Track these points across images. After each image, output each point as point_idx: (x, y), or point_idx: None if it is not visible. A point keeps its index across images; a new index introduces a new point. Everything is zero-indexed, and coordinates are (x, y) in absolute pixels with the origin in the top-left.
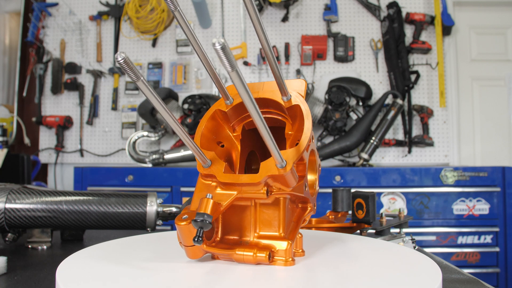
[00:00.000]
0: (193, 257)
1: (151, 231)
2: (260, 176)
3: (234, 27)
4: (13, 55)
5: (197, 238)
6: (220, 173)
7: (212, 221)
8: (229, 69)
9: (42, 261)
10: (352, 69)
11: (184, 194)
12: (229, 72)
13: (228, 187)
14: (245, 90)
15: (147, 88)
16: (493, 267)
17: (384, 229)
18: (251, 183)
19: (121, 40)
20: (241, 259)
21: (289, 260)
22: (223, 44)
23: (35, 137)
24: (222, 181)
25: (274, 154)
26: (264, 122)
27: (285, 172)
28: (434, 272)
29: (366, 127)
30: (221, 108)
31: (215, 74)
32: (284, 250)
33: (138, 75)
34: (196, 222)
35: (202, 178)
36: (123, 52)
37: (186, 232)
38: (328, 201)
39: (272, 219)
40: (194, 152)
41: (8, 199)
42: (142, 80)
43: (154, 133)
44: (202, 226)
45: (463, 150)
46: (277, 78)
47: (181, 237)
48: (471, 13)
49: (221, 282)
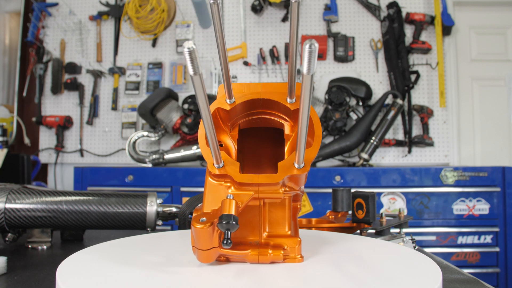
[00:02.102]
0: (206, 261)
1: (151, 231)
2: (280, 176)
3: (234, 27)
4: (13, 55)
5: (226, 241)
6: (237, 173)
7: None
8: (192, 73)
9: (42, 261)
10: (352, 69)
11: (184, 194)
12: (192, 76)
13: (243, 187)
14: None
15: (201, 86)
16: (493, 267)
17: (384, 229)
18: (271, 183)
19: (121, 40)
20: (256, 259)
21: (299, 257)
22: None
23: (35, 137)
24: (240, 181)
25: (300, 154)
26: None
27: (304, 173)
28: (434, 272)
29: (366, 127)
30: (223, 106)
31: (228, 72)
32: (295, 248)
33: (197, 69)
34: (223, 224)
35: (213, 178)
36: (193, 43)
37: (205, 236)
38: (328, 201)
39: (280, 218)
40: (213, 152)
41: (8, 199)
42: (200, 75)
43: (154, 133)
44: (229, 228)
45: (463, 150)
46: (292, 80)
47: (197, 241)
48: (471, 13)
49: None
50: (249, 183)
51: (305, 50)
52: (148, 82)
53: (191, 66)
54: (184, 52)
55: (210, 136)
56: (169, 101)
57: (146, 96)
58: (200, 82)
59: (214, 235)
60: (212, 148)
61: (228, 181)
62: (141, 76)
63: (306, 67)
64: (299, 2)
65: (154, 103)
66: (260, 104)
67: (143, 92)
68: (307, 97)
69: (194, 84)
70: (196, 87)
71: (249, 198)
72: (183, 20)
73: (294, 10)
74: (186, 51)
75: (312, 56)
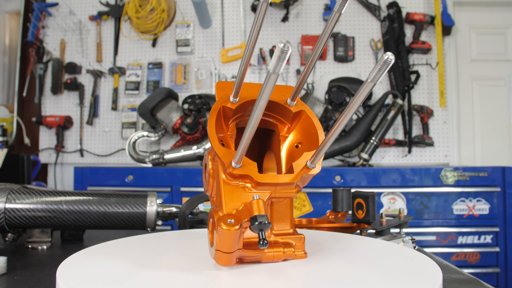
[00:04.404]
0: (227, 264)
1: (151, 231)
2: (298, 176)
3: (234, 27)
4: (13, 55)
5: (262, 241)
6: (257, 173)
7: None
8: (272, 70)
9: (42, 261)
10: (352, 69)
11: (184, 194)
12: (270, 73)
13: (262, 187)
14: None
15: (273, 85)
16: (493, 267)
17: (384, 229)
18: (289, 183)
19: (121, 40)
20: (271, 257)
21: (303, 254)
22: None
23: (35, 137)
24: (261, 181)
25: (319, 154)
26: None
27: (317, 173)
28: (434, 272)
29: (366, 127)
30: (228, 105)
31: (246, 71)
32: (300, 244)
33: (279, 69)
34: (255, 226)
35: (230, 178)
36: (290, 44)
37: (233, 238)
38: (328, 201)
39: (284, 216)
40: (241, 152)
41: (8, 199)
42: (278, 75)
43: (154, 133)
44: (263, 228)
45: (463, 150)
46: (303, 82)
47: (223, 243)
48: (471, 13)
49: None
50: (269, 183)
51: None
52: (148, 82)
53: (276, 64)
54: (278, 48)
55: (250, 135)
56: (169, 101)
57: (146, 96)
58: (274, 81)
59: (241, 236)
60: (243, 148)
61: (247, 181)
62: (141, 76)
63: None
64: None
65: (154, 103)
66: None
67: (143, 92)
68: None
69: (269, 81)
70: (268, 85)
71: (267, 198)
72: (183, 20)
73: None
74: (282, 49)
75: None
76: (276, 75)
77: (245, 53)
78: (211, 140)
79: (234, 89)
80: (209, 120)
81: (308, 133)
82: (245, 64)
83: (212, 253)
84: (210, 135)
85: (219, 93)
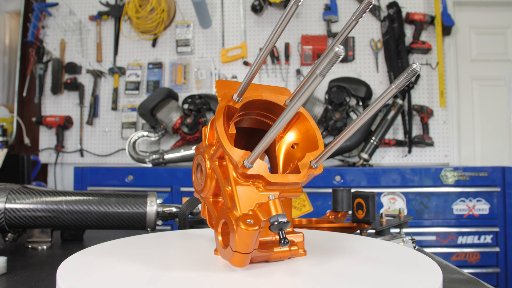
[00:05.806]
0: (242, 265)
1: (151, 231)
2: (305, 176)
3: (234, 27)
4: (13, 55)
5: (283, 240)
6: (268, 173)
7: None
8: (319, 72)
9: (42, 261)
10: (352, 69)
11: (184, 194)
12: (317, 74)
13: (271, 187)
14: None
15: (315, 86)
16: (493, 267)
17: (384, 229)
18: (298, 183)
19: (121, 40)
20: (278, 256)
21: (303, 251)
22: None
23: (35, 137)
24: (272, 181)
25: (326, 155)
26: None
27: (320, 172)
28: (434, 272)
29: (366, 127)
30: (233, 104)
31: (257, 71)
32: (301, 242)
33: (326, 72)
34: (275, 225)
35: (242, 179)
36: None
37: (252, 238)
38: (328, 201)
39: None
40: (258, 153)
41: (8, 199)
42: (323, 77)
43: (154, 133)
44: (282, 227)
45: (463, 150)
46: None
47: (241, 244)
48: (471, 13)
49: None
50: (279, 183)
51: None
52: (148, 82)
53: (325, 67)
54: (333, 52)
55: (273, 135)
56: (169, 101)
57: (146, 96)
58: (319, 83)
59: (258, 237)
60: (262, 148)
61: (258, 181)
62: (141, 76)
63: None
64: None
65: (154, 103)
66: (261, 105)
67: (143, 92)
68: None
69: (313, 82)
70: (312, 86)
71: (277, 197)
72: (183, 20)
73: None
74: (337, 52)
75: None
76: (322, 77)
77: (260, 54)
78: (222, 139)
79: (240, 88)
80: (217, 120)
81: (305, 134)
82: (259, 64)
83: (228, 254)
84: (220, 135)
85: (220, 91)
